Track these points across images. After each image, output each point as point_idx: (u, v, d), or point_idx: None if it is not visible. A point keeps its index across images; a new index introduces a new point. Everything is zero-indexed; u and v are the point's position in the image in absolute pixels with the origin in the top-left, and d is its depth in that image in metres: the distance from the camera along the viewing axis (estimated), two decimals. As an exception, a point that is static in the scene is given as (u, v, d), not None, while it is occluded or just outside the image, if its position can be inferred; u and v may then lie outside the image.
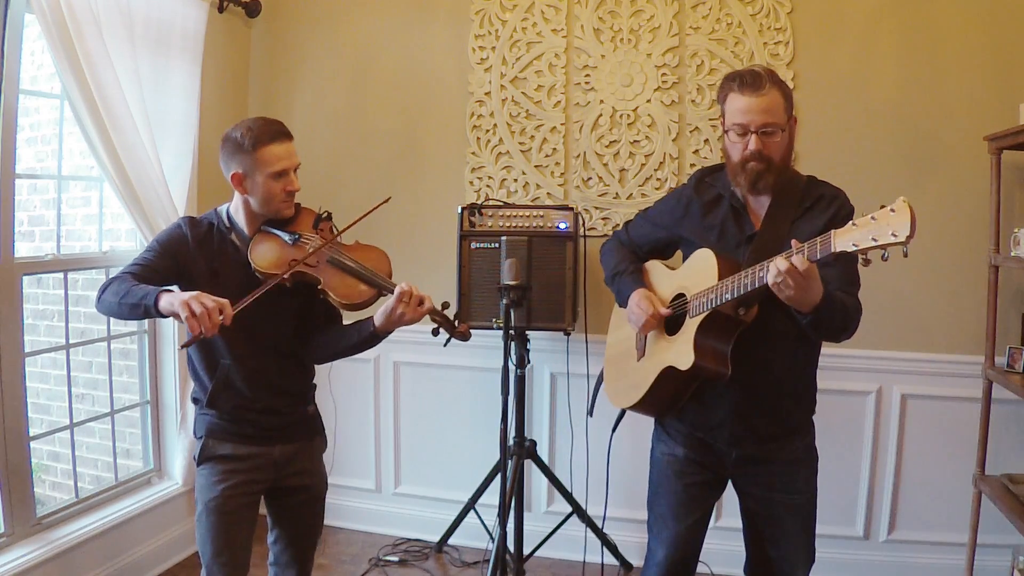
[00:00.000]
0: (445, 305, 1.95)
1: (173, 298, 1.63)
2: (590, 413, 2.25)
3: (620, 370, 2.09)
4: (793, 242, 1.54)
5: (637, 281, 1.99)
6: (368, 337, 1.92)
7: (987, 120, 2.69)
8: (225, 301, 1.64)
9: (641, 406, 1.96)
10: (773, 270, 1.53)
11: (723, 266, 1.75)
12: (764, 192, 1.80)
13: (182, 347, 1.71)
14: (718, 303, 1.71)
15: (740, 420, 1.84)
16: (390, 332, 1.91)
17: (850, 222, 1.44)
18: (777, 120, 1.74)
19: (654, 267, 2.06)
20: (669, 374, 1.84)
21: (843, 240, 1.44)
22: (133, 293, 1.68)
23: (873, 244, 1.39)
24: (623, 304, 2.00)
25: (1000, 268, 2.64)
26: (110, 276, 1.77)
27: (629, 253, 2.09)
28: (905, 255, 1.38)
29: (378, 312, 1.88)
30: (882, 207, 1.39)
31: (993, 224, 2.62)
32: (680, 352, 1.79)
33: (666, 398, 1.91)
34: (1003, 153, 2.59)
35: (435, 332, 1.96)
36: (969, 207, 2.78)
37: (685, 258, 1.97)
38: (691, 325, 1.78)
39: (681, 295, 1.87)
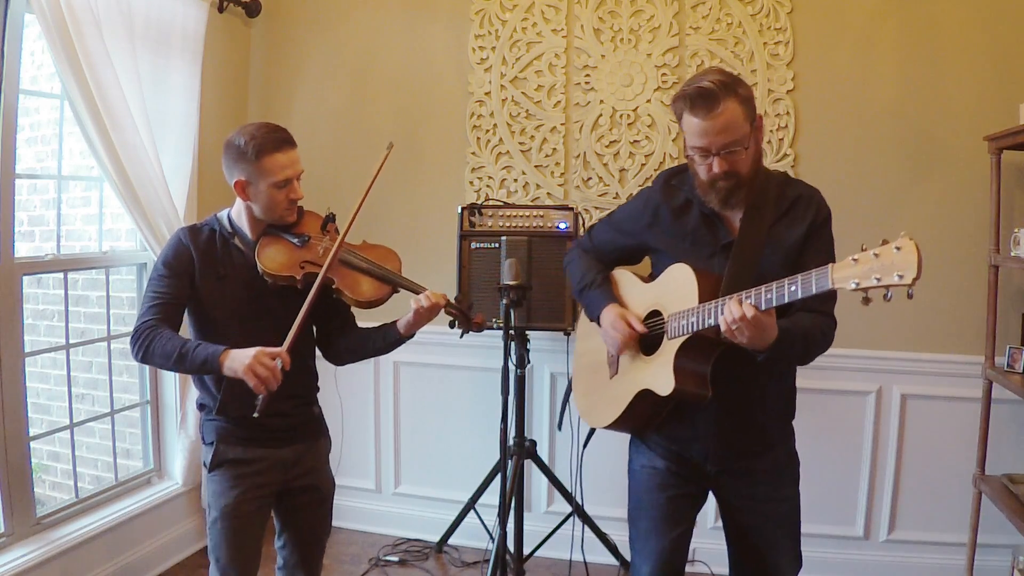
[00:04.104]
0: (458, 299, 1.98)
1: (235, 364, 1.69)
2: (559, 427, 2.19)
3: (591, 384, 2.02)
4: (760, 289, 1.47)
5: (608, 295, 1.88)
6: (394, 342, 1.97)
7: (987, 120, 2.69)
8: (279, 350, 1.71)
9: (615, 425, 1.90)
10: (728, 316, 1.47)
11: (703, 284, 1.64)
12: (738, 207, 1.70)
13: (256, 415, 1.73)
14: (700, 327, 1.60)
15: (717, 436, 1.78)
16: (413, 335, 1.96)
17: (849, 257, 1.34)
18: (738, 136, 1.61)
19: (623, 276, 1.95)
20: (646, 396, 1.75)
21: (842, 276, 1.34)
22: (187, 358, 1.72)
23: (876, 284, 1.29)
24: (594, 319, 1.91)
25: (1000, 268, 2.64)
26: (138, 325, 1.77)
27: (594, 262, 1.97)
28: (910, 296, 1.27)
29: (400, 321, 1.93)
30: (884, 242, 1.29)
31: (993, 224, 2.62)
32: (658, 375, 1.71)
33: (642, 418, 1.84)
34: (1003, 153, 2.59)
35: (452, 324, 2.01)
36: (969, 207, 2.78)
37: (655, 265, 1.88)
38: (670, 348, 1.68)
39: (656, 312, 1.78)
